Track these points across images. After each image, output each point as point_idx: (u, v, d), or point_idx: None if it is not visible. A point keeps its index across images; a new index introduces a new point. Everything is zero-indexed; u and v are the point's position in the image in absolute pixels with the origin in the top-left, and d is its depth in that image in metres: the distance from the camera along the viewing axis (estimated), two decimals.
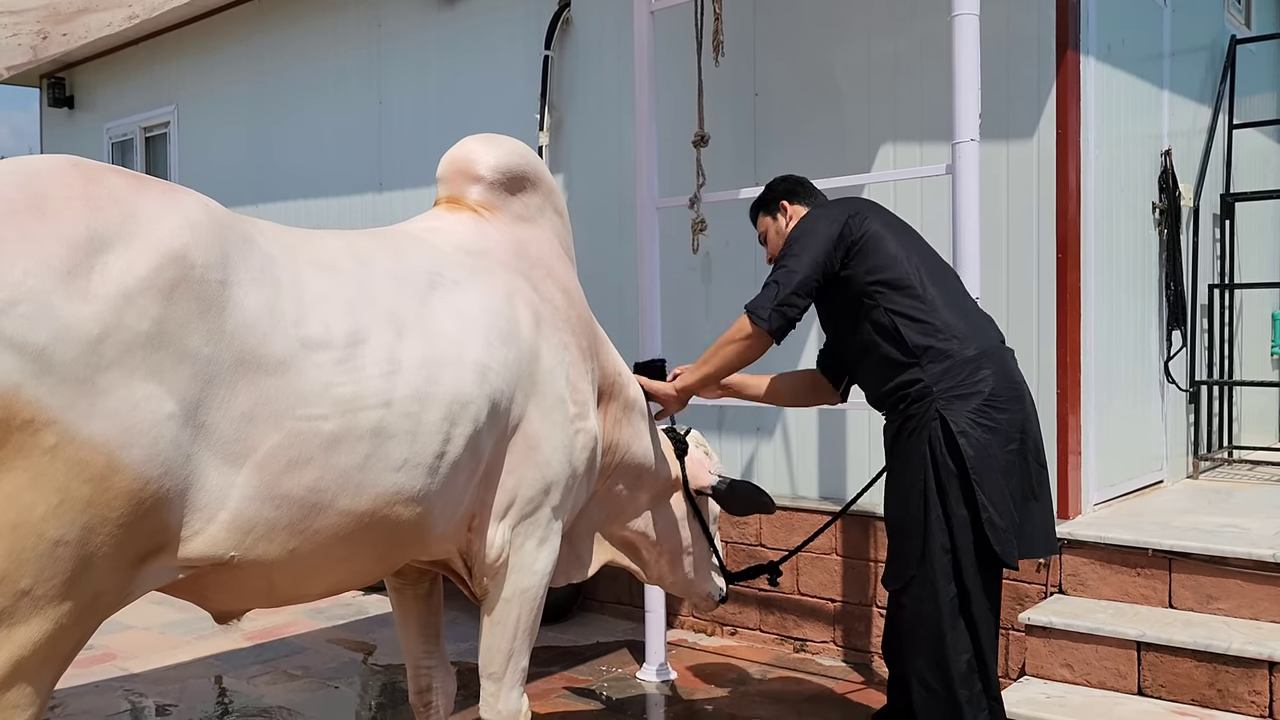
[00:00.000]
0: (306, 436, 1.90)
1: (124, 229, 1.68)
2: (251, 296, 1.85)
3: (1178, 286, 4.87)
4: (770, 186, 3.22)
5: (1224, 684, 3.22)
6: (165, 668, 4.41)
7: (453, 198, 2.64)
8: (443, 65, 5.95)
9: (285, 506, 1.89)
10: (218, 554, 1.81)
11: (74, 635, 1.66)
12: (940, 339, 2.70)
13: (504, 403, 2.33)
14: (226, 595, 2.00)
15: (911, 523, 2.69)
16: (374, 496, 2.04)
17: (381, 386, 2.03)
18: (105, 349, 1.60)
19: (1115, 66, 4.36)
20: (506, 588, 2.47)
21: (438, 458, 2.14)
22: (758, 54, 4.69)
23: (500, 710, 2.54)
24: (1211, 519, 3.99)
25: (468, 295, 2.33)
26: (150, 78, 7.95)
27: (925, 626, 2.66)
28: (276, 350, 1.86)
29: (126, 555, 1.68)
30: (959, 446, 2.61)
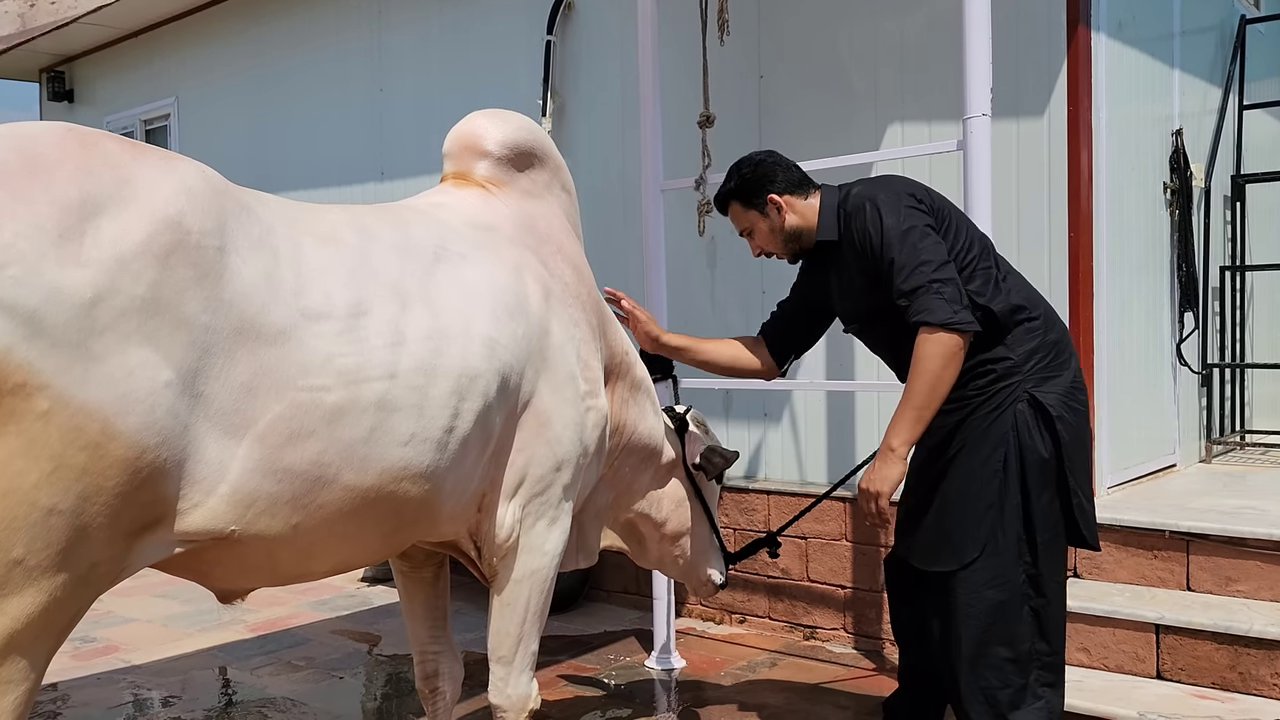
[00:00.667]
0: (309, 408, 1.85)
1: (118, 193, 1.64)
2: (250, 265, 1.81)
3: (1189, 268, 4.81)
4: (745, 176, 2.79)
5: (1245, 666, 3.16)
6: (168, 659, 4.37)
7: (459, 174, 2.60)
8: (444, 52, 5.89)
9: (288, 480, 1.84)
10: (218, 528, 1.77)
11: (69, 608, 1.61)
12: (1026, 316, 2.55)
13: (514, 378, 2.28)
14: (228, 572, 1.95)
15: (983, 504, 2.52)
16: (380, 471, 1.99)
17: (386, 358, 1.98)
18: (99, 314, 1.56)
19: (1126, 44, 4.30)
20: (517, 569, 2.42)
21: (446, 433, 2.10)
22: (762, 34, 4.63)
23: (510, 695, 2.49)
24: (1228, 501, 3.94)
25: (475, 269, 2.28)
26: (150, 70, 7.90)
27: (991, 613, 2.51)
28: (276, 320, 1.82)
29: (122, 526, 1.63)
30: (1056, 431, 2.48)
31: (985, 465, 2.52)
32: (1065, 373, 2.55)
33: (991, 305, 2.50)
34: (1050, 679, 2.54)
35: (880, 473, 2.50)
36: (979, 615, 2.51)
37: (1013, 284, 2.60)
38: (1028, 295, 2.60)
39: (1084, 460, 2.56)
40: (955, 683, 2.56)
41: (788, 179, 2.76)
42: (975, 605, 2.52)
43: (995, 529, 2.51)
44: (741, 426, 4.73)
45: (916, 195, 2.57)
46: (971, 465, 2.54)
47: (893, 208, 2.52)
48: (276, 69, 6.94)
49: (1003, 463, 2.51)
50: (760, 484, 4.63)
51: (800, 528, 4.44)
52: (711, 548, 3.19)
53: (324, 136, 6.61)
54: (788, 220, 2.75)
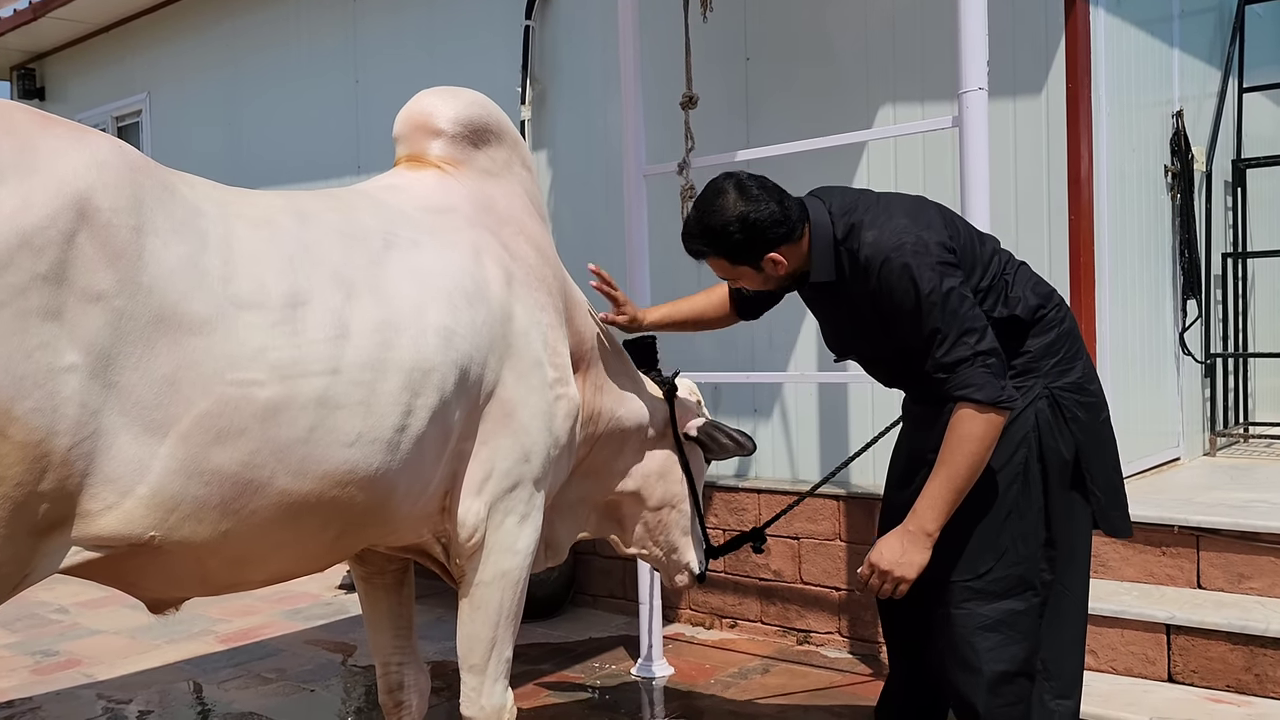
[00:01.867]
0: (238, 404, 1.69)
1: (20, 163, 1.50)
2: (171, 249, 1.66)
3: (1192, 254, 4.66)
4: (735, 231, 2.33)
5: (1262, 668, 2.99)
6: (134, 674, 4.17)
7: (413, 155, 2.45)
8: (420, 41, 5.72)
9: (216, 483, 1.68)
10: (135, 533, 1.61)
11: None
12: (1043, 306, 2.36)
13: (474, 369, 2.12)
14: (154, 581, 1.80)
15: (1002, 512, 2.31)
16: (321, 475, 1.83)
17: (327, 352, 1.82)
18: None
19: (1126, 21, 4.14)
20: (486, 570, 2.25)
21: (398, 431, 1.93)
22: (748, 15, 4.46)
23: (484, 706, 2.31)
24: (1237, 494, 3.78)
25: (428, 255, 2.12)
26: (121, 67, 7.72)
27: (1008, 624, 2.30)
28: (201, 308, 1.67)
29: (24, 523, 1.49)
30: (1070, 433, 2.32)
31: (1005, 469, 2.31)
32: (1078, 364, 2.38)
33: (1016, 312, 2.33)
34: (1062, 689, 2.37)
35: (908, 556, 2.23)
36: (992, 626, 2.31)
37: (1023, 279, 2.41)
38: (1038, 288, 2.41)
39: (1101, 455, 2.38)
40: (966, 698, 2.34)
41: (781, 229, 2.35)
42: (987, 615, 2.31)
43: (1016, 536, 2.32)
44: (731, 422, 4.53)
45: (945, 245, 2.28)
46: (990, 471, 2.30)
47: (927, 266, 2.23)
48: (250, 63, 6.76)
49: (1023, 465, 2.31)
50: (751, 482, 4.45)
51: (792, 528, 4.26)
52: (693, 534, 2.98)
53: (299, 130, 6.43)
54: (784, 270, 2.41)
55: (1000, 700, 2.31)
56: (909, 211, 2.35)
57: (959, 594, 2.33)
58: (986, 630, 2.30)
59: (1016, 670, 2.31)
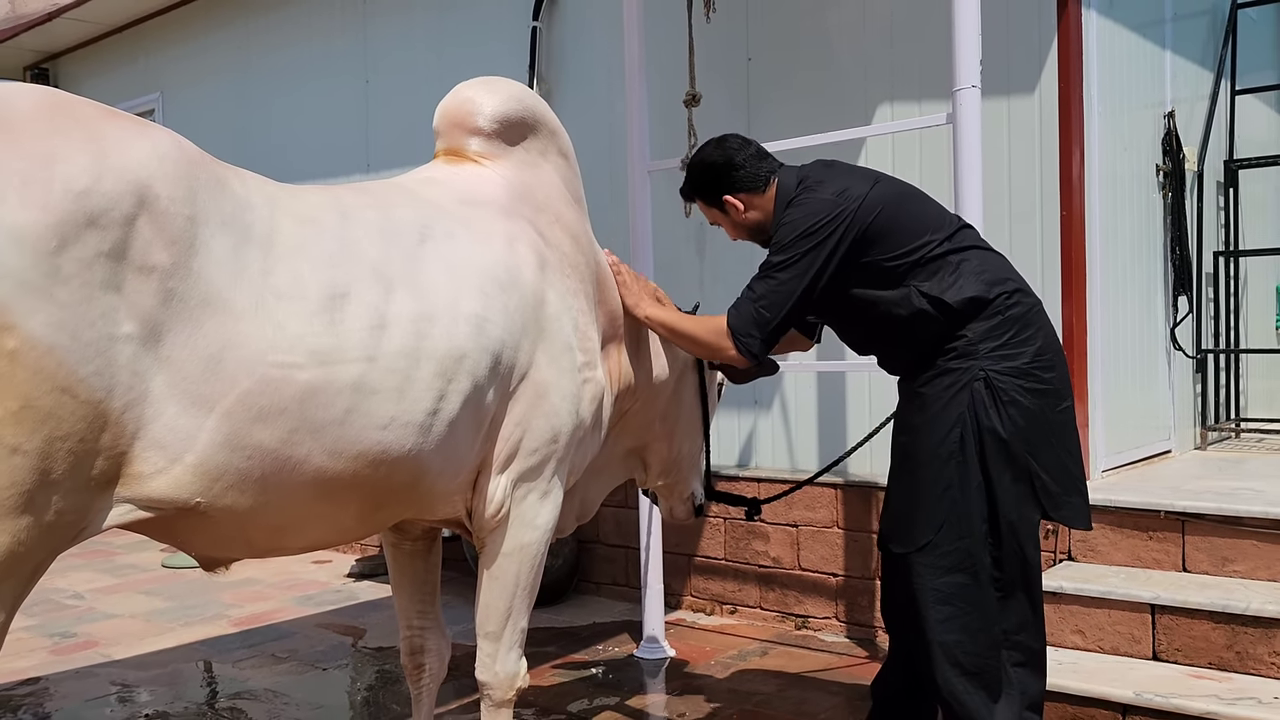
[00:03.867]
0: (279, 385, 1.82)
1: (88, 151, 1.63)
2: (220, 239, 1.79)
3: (1183, 251, 4.77)
4: (697, 177, 2.76)
5: (1243, 646, 3.10)
6: (149, 654, 4.28)
7: (451, 150, 2.53)
8: (430, 41, 5.84)
9: (257, 457, 1.81)
10: (183, 498, 1.75)
11: (34, 554, 1.60)
12: (984, 292, 2.46)
13: (507, 353, 2.23)
14: (203, 541, 1.93)
15: (940, 487, 2.47)
16: (356, 455, 1.95)
17: (364, 340, 1.95)
18: (63, 262, 1.56)
19: (1118, 23, 4.26)
20: (506, 542, 2.37)
21: (430, 415, 2.05)
22: (750, 15, 4.58)
23: (498, 672, 2.42)
24: (1224, 483, 3.88)
25: (462, 246, 2.23)
26: (134, 66, 7.84)
27: (963, 594, 2.44)
28: (245, 296, 1.80)
29: (84, 476, 1.62)
30: (1009, 416, 2.41)
31: (943, 445, 2.45)
32: (1027, 349, 2.44)
33: (944, 297, 2.45)
34: (1021, 659, 2.47)
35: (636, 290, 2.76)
36: (944, 599, 2.45)
37: (974, 269, 2.49)
38: (991, 277, 2.49)
39: (1048, 440, 2.45)
40: (928, 666, 2.49)
41: (740, 177, 2.68)
42: (940, 589, 2.45)
43: (956, 511, 2.44)
44: (732, 414, 4.67)
45: (861, 200, 2.50)
46: (930, 446, 2.48)
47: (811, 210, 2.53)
48: (262, 62, 6.88)
49: (959, 443, 2.43)
50: (751, 472, 4.56)
51: (791, 515, 4.38)
52: (697, 466, 3.12)
53: (310, 129, 6.55)
54: (747, 217, 2.71)
55: (956, 671, 2.44)
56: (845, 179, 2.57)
57: (913, 567, 2.49)
58: (939, 604, 2.45)
59: (969, 642, 2.43)
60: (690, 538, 4.70)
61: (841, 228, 2.48)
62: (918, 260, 2.49)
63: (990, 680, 2.44)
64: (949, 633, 2.45)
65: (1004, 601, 2.46)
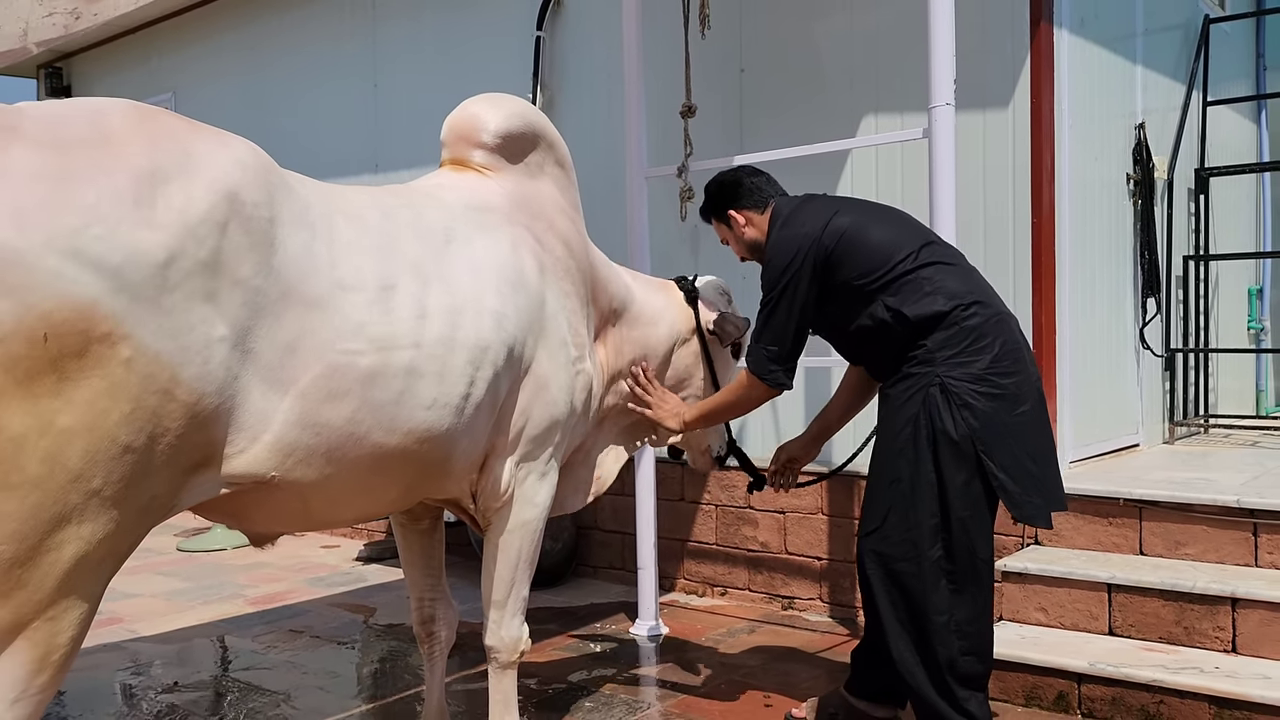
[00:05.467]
0: (345, 370, 2.04)
1: (183, 165, 1.80)
2: (294, 237, 1.99)
3: (1151, 256, 5.03)
4: (710, 194, 3.15)
5: (1190, 621, 3.37)
6: (173, 630, 4.54)
7: (456, 160, 2.74)
8: (437, 47, 6.08)
9: (324, 434, 2.03)
10: (260, 472, 1.95)
11: (130, 536, 1.79)
12: (942, 306, 2.70)
13: (517, 347, 2.48)
14: (266, 515, 2.14)
15: (886, 479, 2.75)
16: (406, 431, 2.19)
17: (412, 329, 2.18)
18: (170, 273, 1.73)
19: (1089, 40, 4.51)
20: (510, 520, 2.63)
21: (463, 399, 2.29)
22: (743, 29, 4.83)
23: (503, 636, 2.69)
24: (1182, 474, 4.15)
25: (479, 248, 2.47)
26: (147, 66, 8.06)
27: (904, 581, 2.72)
28: (316, 288, 2.00)
29: (180, 464, 1.81)
30: (963, 418, 2.63)
31: (894, 442, 2.75)
32: (983, 357, 2.66)
33: (904, 310, 2.72)
34: (969, 646, 2.70)
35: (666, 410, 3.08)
36: (892, 583, 2.75)
37: (937, 285, 2.73)
38: (951, 291, 2.72)
39: (1004, 441, 2.64)
40: (884, 639, 2.79)
41: (744, 193, 3.07)
42: (889, 577, 2.75)
43: (903, 504, 2.71)
44: None
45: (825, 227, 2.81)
46: (883, 443, 2.80)
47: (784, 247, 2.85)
48: (273, 65, 7.11)
49: (911, 441, 2.69)
50: None
51: (779, 502, 4.64)
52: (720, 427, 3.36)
53: (320, 130, 6.78)
54: (746, 233, 3.09)
55: (908, 647, 2.73)
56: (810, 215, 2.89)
57: (864, 551, 2.81)
58: (889, 587, 2.75)
59: (914, 623, 2.71)
60: (683, 524, 4.96)
61: (809, 260, 2.80)
62: (887, 280, 2.77)
63: (938, 660, 2.70)
64: (899, 611, 2.74)
65: (956, 594, 2.70)
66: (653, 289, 3.22)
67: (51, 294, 1.59)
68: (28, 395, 1.59)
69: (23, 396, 1.58)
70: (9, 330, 1.56)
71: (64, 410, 1.62)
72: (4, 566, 1.61)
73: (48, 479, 1.62)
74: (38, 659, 1.68)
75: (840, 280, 2.79)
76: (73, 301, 1.61)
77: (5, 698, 1.66)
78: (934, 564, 2.69)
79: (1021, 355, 2.75)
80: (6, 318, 1.56)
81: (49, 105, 1.79)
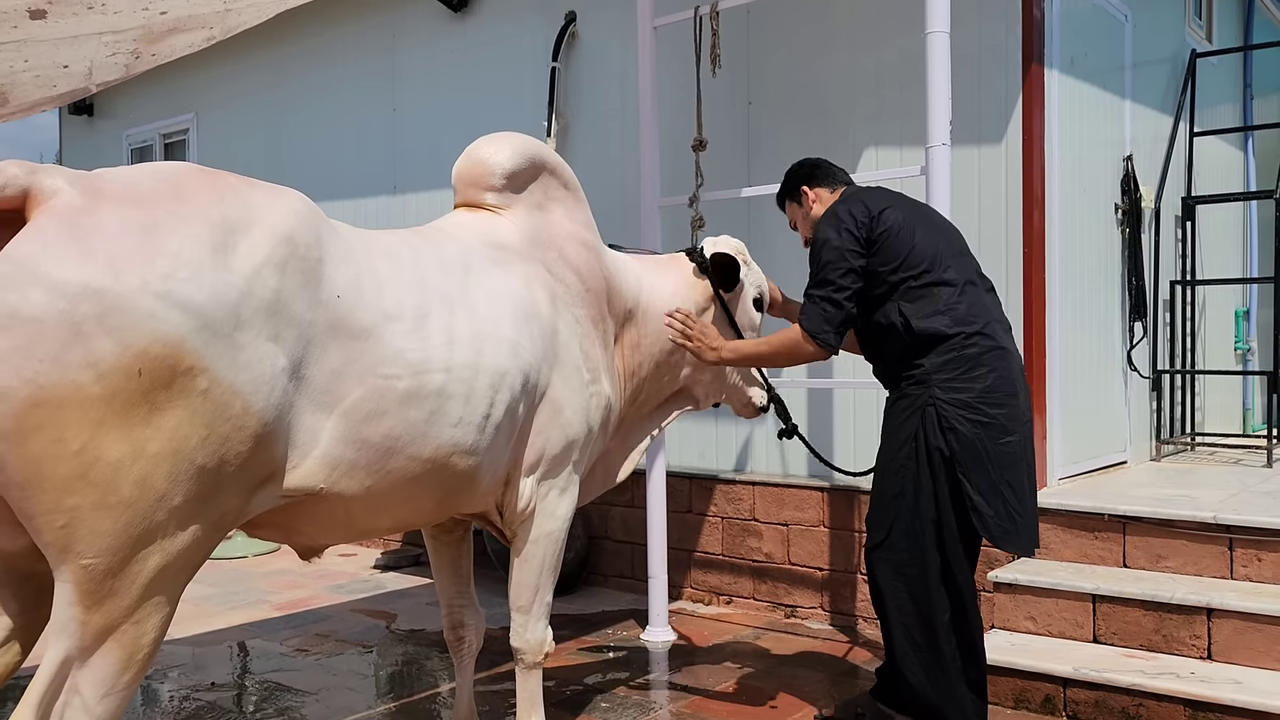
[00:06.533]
0: (385, 392, 2.27)
1: (246, 215, 2.04)
2: (340, 273, 2.22)
3: (1139, 281, 5.27)
4: (789, 175, 3.41)
5: (1168, 630, 3.59)
6: (203, 633, 4.76)
7: (470, 203, 2.95)
8: (454, 75, 6.32)
9: (365, 450, 2.25)
10: (311, 485, 2.18)
11: (205, 547, 2.01)
12: (946, 331, 2.93)
13: (532, 374, 2.71)
14: (313, 526, 2.35)
15: (890, 494, 3.00)
16: (436, 447, 2.41)
17: (443, 355, 2.41)
18: (242, 312, 1.95)
19: (1078, 78, 4.76)
20: (534, 530, 2.85)
21: (485, 419, 2.51)
22: (751, 66, 5.08)
23: (528, 639, 2.91)
24: (1166, 491, 4.38)
25: (496, 281, 2.69)
26: (170, 87, 8.28)
27: (910, 587, 2.97)
28: (361, 319, 2.23)
29: (246, 482, 2.03)
30: (947, 441, 2.88)
31: (894, 459, 2.99)
32: (975, 385, 2.90)
33: (912, 321, 2.95)
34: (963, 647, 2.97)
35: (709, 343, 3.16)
36: (899, 590, 2.98)
37: (950, 306, 2.96)
38: (962, 316, 2.95)
39: (984, 467, 2.86)
40: (891, 643, 3.02)
41: (823, 176, 3.33)
42: (895, 582, 2.99)
43: (908, 515, 2.95)
44: (729, 424, 5.16)
45: (878, 212, 3.02)
46: (885, 459, 3.04)
47: (834, 223, 3.06)
48: (294, 88, 7.35)
49: (912, 457, 2.94)
50: (747, 476, 5.05)
51: (782, 515, 4.87)
52: (750, 376, 3.53)
53: (339, 153, 7.02)
54: (815, 210, 3.30)
55: (913, 649, 2.97)
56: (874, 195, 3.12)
57: (874, 562, 3.04)
58: (896, 594, 2.99)
59: (921, 628, 2.95)
60: (691, 535, 5.19)
61: (861, 231, 3.01)
62: (909, 283, 2.98)
63: (940, 662, 2.95)
64: (906, 617, 2.98)
65: (951, 598, 2.96)
66: (662, 271, 3.36)
67: (146, 333, 1.81)
68: (124, 424, 1.81)
69: (120, 425, 1.80)
70: (110, 366, 1.78)
71: (153, 438, 1.84)
72: (98, 577, 1.83)
73: (139, 500, 1.84)
74: (125, 659, 1.89)
75: (874, 266, 3.01)
76: (164, 338, 1.83)
77: (97, 693, 1.87)
78: (936, 568, 2.94)
79: (1015, 391, 2.96)
80: (108, 355, 1.78)
81: (124, 170, 2.02)
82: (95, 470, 1.79)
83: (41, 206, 1.83)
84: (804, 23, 4.92)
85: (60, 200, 1.84)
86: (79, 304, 1.76)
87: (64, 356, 1.75)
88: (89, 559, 1.81)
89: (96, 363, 1.77)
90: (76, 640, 1.84)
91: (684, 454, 5.28)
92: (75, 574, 1.82)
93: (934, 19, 3.64)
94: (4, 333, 1.73)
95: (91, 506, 1.79)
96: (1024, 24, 4.33)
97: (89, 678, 1.85)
